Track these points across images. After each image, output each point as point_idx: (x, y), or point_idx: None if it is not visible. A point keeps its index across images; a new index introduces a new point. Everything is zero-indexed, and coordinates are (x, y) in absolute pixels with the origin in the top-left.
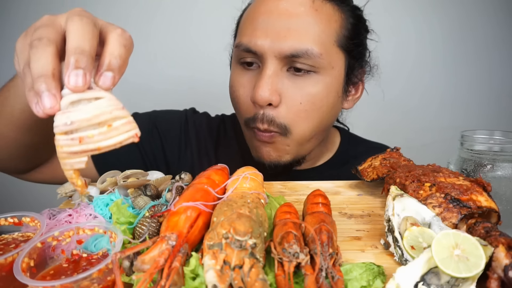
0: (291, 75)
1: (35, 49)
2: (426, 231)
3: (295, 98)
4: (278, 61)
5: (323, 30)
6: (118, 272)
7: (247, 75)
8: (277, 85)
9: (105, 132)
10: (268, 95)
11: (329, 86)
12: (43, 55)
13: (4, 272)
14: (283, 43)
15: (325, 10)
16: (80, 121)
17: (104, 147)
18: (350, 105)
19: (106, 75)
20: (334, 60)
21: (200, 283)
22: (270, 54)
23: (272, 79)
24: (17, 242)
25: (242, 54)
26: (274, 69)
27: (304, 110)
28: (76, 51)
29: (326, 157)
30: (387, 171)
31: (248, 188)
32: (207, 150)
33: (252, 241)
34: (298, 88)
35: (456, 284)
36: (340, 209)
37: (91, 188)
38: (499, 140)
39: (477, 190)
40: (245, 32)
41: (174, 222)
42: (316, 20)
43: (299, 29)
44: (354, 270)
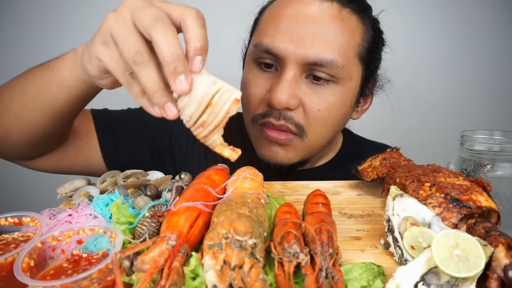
0: (310, 82)
1: (141, 66)
2: (426, 231)
3: (314, 104)
4: (298, 67)
5: (348, 42)
6: (118, 272)
7: (263, 75)
8: (295, 90)
9: (211, 112)
10: (286, 100)
11: (345, 96)
12: (150, 71)
13: (4, 272)
14: (308, 50)
15: (350, 21)
16: (193, 114)
17: (219, 121)
18: (358, 116)
19: (196, 60)
20: (353, 72)
21: (200, 283)
22: (292, 59)
23: (291, 84)
24: (17, 242)
25: (261, 54)
26: (294, 74)
27: (322, 117)
28: (172, 58)
29: (329, 157)
30: (387, 171)
31: (248, 188)
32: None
33: (252, 241)
34: (317, 95)
35: (456, 284)
36: (340, 209)
37: (91, 188)
38: (499, 140)
39: (477, 190)
40: (266, 33)
41: (174, 222)
42: (341, 30)
43: (325, 38)
44: (354, 270)
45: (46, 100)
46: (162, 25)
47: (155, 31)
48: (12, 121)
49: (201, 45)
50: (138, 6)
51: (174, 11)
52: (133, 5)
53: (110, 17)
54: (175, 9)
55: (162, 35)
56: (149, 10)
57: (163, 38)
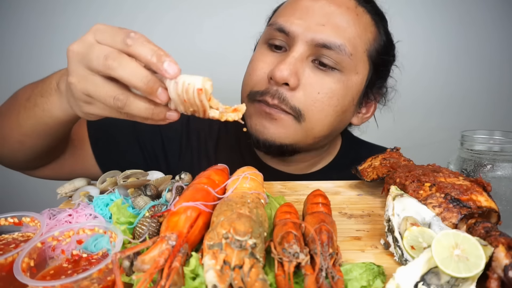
0: (315, 67)
1: (125, 107)
2: (426, 231)
3: (314, 87)
4: (307, 48)
5: (359, 35)
6: (118, 272)
7: (271, 54)
8: (299, 69)
9: (191, 104)
10: (287, 74)
11: (348, 88)
12: (135, 105)
13: (4, 272)
14: (319, 31)
15: (364, 18)
16: (183, 110)
17: (202, 107)
18: (358, 122)
19: (166, 65)
20: (360, 67)
21: (200, 283)
22: (302, 38)
23: (296, 62)
24: (17, 242)
25: (273, 33)
26: (301, 53)
27: (321, 101)
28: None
29: (327, 160)
30: (387, 171)
31: (248, 188)
32: (207, 151)
33: (252, 241)
34: (319, 79)
35: (456, 284)
36: (340, 209)
37: (91, 188)
38: (499, 140)
39: (477, 190)
40: (283, 14)
41: (174, 222)
42: (355, 22)
43: (339, 23)
44: (354, 270)
45: (44, 130)
46: (114, 61)
47: (113, 70)
48: (16, 146)
49: (158, 54)
50: (83, 54)
51: (114, 43)
52: (78, 56)
53: (73, 81)
54: (111, 41)
55: (121, 70)
56: (96, 53)
57: (123, 72)
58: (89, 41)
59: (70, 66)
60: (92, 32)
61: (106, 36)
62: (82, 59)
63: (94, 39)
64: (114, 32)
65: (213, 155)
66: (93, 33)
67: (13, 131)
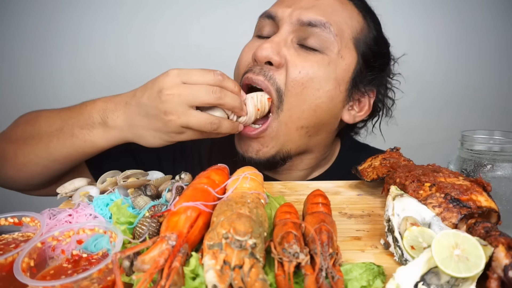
0: (299, 48)
1: (218, 130)
2: (426, 231)
3: (296, 66)
4: (292, 29)
5: (345, 21)
6: (118, 272)
7: (258, 41)
8: (282, 48)
9: (260, 112)
10: (269, 53)
11: (331, 72)
12: (225, 127)
13: (4, 272)
14: (305, 12)
15: (349, 8)
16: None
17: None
18: (350, 119)
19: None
20: (345, 52)
21: (200, 283)
22: (287, 20)
23: (279, 42)
24: (17, 242)
25: (262, 22)
26: (285, 34)
27: (301, 83)
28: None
29: (323, 168)
30: (387, 171)
31: (248, 188)
32: (200, 159)
33: (252, 241)
34: (301, 58)
35: (456, 284)
36: (340, 209)
37: (91, 188)
38: (499, 140)
39: (477, 190)
40: (274, 5)
41: (174, 222)
42: (341, 9)
43: (324, 8)
44: (354, 270)
45: (80, 157)
46: (221, 93)
47: (222, 100)
48: (39, 170)
49: (238, 103)
50: (184, 94)
51: (211, 80)
52: (179, 98)
53: (172, 118)
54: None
55: (227, 99)
56: (204, 90)
57: (228, 100)
58: (179, 83)
59: (169, 106)
60: (177, 76)
61: (198, 76)
62: (185, 98)
63: (181, 81)
64: (202, 71)
65: (207, 163)
66: (178, 76)
67: (40, 158)
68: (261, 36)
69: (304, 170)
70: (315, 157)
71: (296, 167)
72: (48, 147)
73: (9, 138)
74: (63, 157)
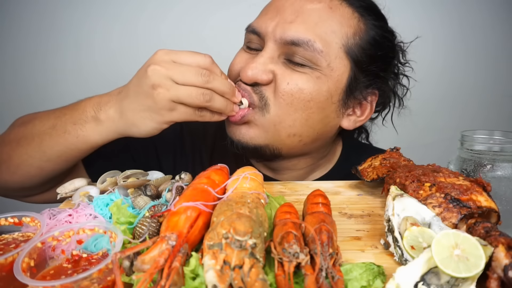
0: (287, 62)
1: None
2: (426, 231)
3: (284, 79)
4: (276, 47)
5: (332, 31)
6: (118, 272)
7: (246, 55)
8: (269, 65)
9: None
10: (254, 74)
11: (322, 83)
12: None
13: (4, 272)
14: (287, 29)
15: (340, 11)
16: None
17: None
18: (349, 125)
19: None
20: (335, 64)
21: (200, 283)
22: (271, 37)
23: (265, 60)
24: (17, 242)
25: (248, 36)
26: (270, 52)
27: (291, 94)
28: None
29: (325, 169)
30: (387, 171)
31: (248, 188)
32: (201, 158)
33: (252, 241)
34: (289, 71)
35: (456, 284)
36: (340, 209)
37: (91, 188)
38: (499, 140)
39: (477, 190)
40: (259, 16)
41: (174, 222)
42: (328, 17)
43: (307, 20)
44: (354, 270)
45: (74, 154)
46: (209, 77)
47: (210, 83)
48: (33, 171)
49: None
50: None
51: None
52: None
53: (161, 91)
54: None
55: (215, 83)
56: (193, 72)
57: (217, 84)
58: (168, 61)
59: (156, 79)
60: (165, 54)
61: (187, 57)
62: (172, 73)
63: (170, 59)
64: (192, 53)
65: (208, 162)
66: (166, 55)
67: (34, 158)
68: (249, 47)
69: (303, 169)
70: (312, 157)
71: (294, 167)
72: (41, 146)
73: (4, 141)
74: (57, 156)
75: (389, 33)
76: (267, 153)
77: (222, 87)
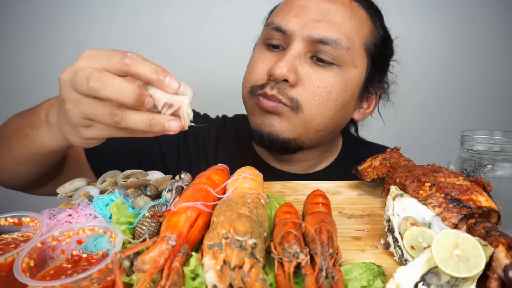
0: (313, 63)
1: (123, 121)
2: (426, 231)
3: (313, 81)
4: (304, 45)
5: (355, 29)
6: (118, 272)
7: (270, 54)
8: (298, 66)
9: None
10: (286, 71)
11: (348, 83)
12: (132, 117)
13: (4, 272)
14: (315, 27)
15: (359, 13)
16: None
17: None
18: (359, 117)
19: (167, 80)
20: (358, 61)
21: (200, 283)
22: (299, 35)
23: (294, 59)
24: (17, 242)
25: (271, 33)
26: (298, 50)
27: (320, 95)
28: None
29: (328, 161)
30: (387, 171)
31: (248, 188)
32: (206, 154)
33: (252, 241)
34: (318, 74)
35: (456, 284)
36: (340, 209)
37: (91, 188)
38: (499, 140)
39: (477, 190)
40: (279, 13)
41: (174, 222)
42: (350, 17)
43: (334, 19)
44: (354, 270)
45: (38, 159)
46: (97, 82)
47: (97, 92)
48: (11, 174)
49: (157, 71)
50: (71, 79)
51: (111, 64)
52: (68, 83)
53: (69, 107)
54: (107, 63)
55: (106, 90)
56: (79, 77)
57: (108, 92)
58: (78, 67)
59: (63, 93)
60: (84, 58)
61: (101, 59)
62: (71, 84)
63: (87, 64)
64: (109, 54)
65: (213, 157)
66: (85, 59)
67: (7, 161)
68: (270, 44)
69: (311, 161)
70: (321, 149)
71: (304, 158)
72: (10, 149)
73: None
74: (24, 160)
75: (387, 29)
76: (292, 146)
77: (115, 94)
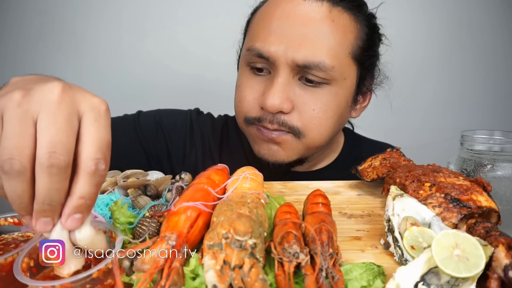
0: (303, 84)
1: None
2: (426, 231)
3: (308, 106)
4: (290, 69)
5: (339, 43)
6: (118, 272)
7: (256, 79)
8: (289, 93)
9: None
10: (279, 103)
11: (340, 96)
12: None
13: (4, 272)
14: (297, 52)
15: (341, 20)
16: None
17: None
18: (357, 114)
19: (74, 217)
20: (347, 72)
21: (200, 283)
22: (283, 61)
23: (284, 87)
24: (17, 242)
25: (253, 58)
26: (286, 77)
27: (318, 117)
28: (44, 201)
29: (330, 159)
30: (387, 171)
31: (248, 188)
32: (211, 152)
33: (252, 241)
34: (310, 96)
35: (456, 284)
36: (340, 209)
37: None
38: (499, 140)
39: (477, 190)
40: (258, 36)
41: (174, 222)
42: (332, 31)
43: (314, 39)
44: (354, 270)
45: None
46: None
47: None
48: None
49: (86, 203)
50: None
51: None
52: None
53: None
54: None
55: (47, 176)
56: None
57: (46, 180)
58: None
59: None
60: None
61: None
62: None
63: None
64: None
65: (217, 155)
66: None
67: None
68: (254, 68)
69: (313, 160)
70: (323, 149)
71: (306, 159)
72: None
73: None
74: None
75: (372, 17)
76: (296, 162)
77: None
